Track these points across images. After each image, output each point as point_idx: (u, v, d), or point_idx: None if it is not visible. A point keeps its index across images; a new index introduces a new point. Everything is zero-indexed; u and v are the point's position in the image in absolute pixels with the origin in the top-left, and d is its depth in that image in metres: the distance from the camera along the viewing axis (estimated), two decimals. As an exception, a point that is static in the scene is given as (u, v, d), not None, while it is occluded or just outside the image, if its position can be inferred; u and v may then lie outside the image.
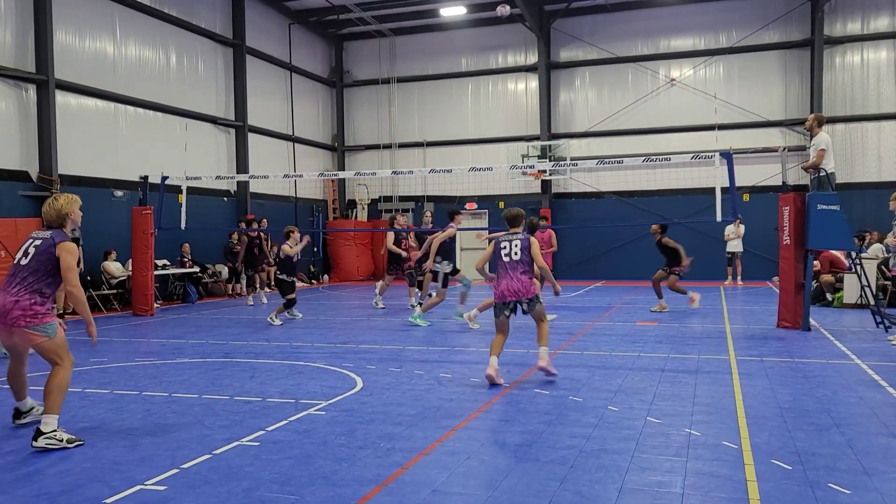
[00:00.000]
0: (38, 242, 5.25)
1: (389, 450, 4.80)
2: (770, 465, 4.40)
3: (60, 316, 13.08)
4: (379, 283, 14.65)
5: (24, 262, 5.20)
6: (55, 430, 4.97)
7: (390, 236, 14.22)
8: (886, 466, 4.35)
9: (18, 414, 5.61)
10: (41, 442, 4.91)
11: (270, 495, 3.99)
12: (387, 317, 12.90)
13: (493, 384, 6.79)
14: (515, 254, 7.05)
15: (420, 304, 12.23)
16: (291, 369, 7.85)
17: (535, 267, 7.19)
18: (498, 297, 7.07)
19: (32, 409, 5.61)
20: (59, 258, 5.16)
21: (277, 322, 11.90)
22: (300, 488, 4.09)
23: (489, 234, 12.12)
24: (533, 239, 7.17)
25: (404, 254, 14.04)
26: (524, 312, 7.10)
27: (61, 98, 14.57)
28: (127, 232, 14.50)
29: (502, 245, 7.16)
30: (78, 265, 5.48)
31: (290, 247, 12.11)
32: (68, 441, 4.98)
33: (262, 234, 18.10)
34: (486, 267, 7.61)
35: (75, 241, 13.00)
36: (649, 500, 3.86)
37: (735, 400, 6.12)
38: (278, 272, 12.34)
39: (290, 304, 12.19)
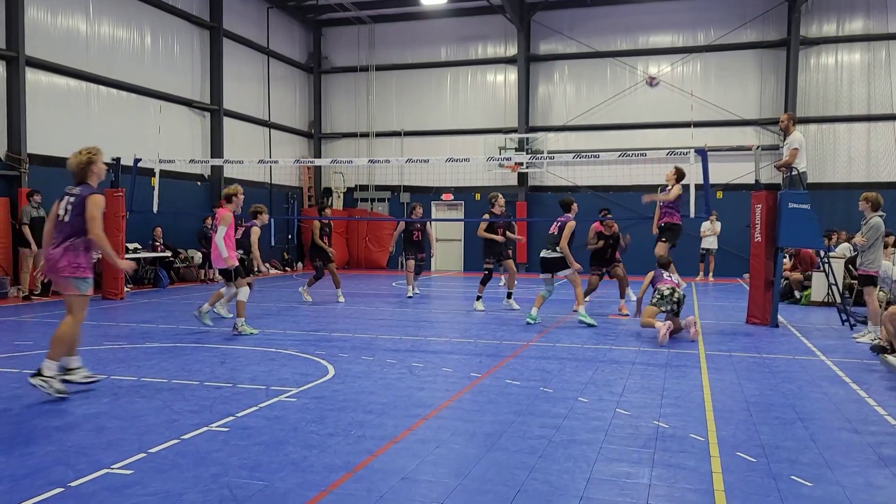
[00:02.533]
0: (72, 199, 5.91)
1: (360, 437, 4.79)
2: (735, 457, 4.47)
3: (27, 298, 12.93)
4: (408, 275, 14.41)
5: (66, 218, 5.86)
6: (53, 377, 5.64)
7: (400, 225, 14.44)
8: (847, 460, 4.44)
9: (62, 371, 5.92)
10: (36, 380, 5.60)
11: (239, 481, 3.97)
12: (359, 305, 12.87)
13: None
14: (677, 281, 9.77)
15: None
16: (263, 356, 7.80)
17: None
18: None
19: (79, 368, 6.09)
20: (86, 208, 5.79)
21: (228, 314, 10.76)
22: (269, 474, 4.08)
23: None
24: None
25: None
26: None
27: (32, 76, 14.25)
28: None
29: (665, 277, 9.83)
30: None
31: (257, 233, 10.84)
32: (57, 391, 5.61)
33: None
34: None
35: (42, 219, 12.95)
36: (616, 491, 3.90)
37: (703, 393, 6.20)
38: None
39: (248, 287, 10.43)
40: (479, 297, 12.38)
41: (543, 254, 10.70)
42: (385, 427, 5.04)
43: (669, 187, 11.20)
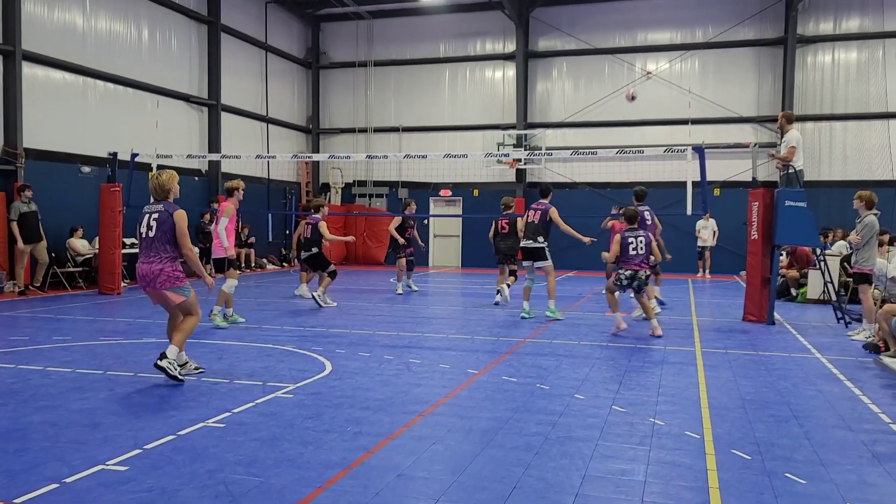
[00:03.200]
0: (156, 215, 6.29)
1: (356, 434, 4.80)
2: (730, 454, 4.49)
3: (22, 293, 12.91)
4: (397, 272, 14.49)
5: (151, 234, 6.26)
6: (175, 360, 6.14)
7: (395, 221, 14.15)
8: (841, 458, 4.46)
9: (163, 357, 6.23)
10: (163, 363, 6.05)
11: (235, 477, 3.97)
12: (357, 301, 12.87)
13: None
14: (641, 248, 9.31)
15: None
16: (260, 352, 7.80)
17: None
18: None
19: (187, 363, 6.51)
20: (175, 225, 6.25)
21: (331, 303, 11.89)
22: (265, 470, 4.08)
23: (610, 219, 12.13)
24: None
25: (401, 240, 14.03)
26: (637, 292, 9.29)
27: (28, 70, 14.21)
28: (94, 209, 14.23)
29: (629, 241, 9.19)
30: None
31: (325, 225, 11.89)
32: (173, 378, 6.06)
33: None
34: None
35: (34, 214, 12.96)
36: (612, 488, 3.92)
37: (699, 391, 6.22)
38: (311, 248, 11.91)
39: (333, 276, 11.88)
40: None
41: (525, 244, 10.79)
42: (382, 423, 5.05)
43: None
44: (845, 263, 13.24)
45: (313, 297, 11.77)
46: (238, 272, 10.23)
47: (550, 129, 22.22)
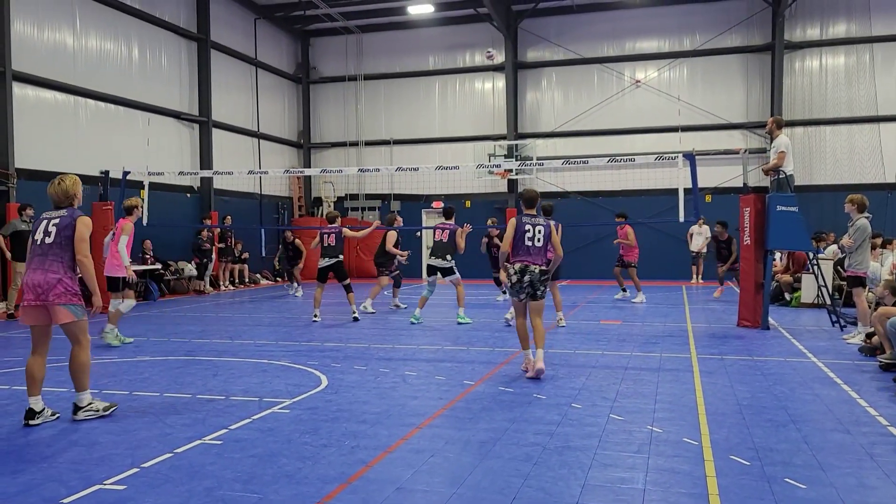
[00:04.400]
0: (56, 220, 5.56)
1: (354, 448, 4.78)
2: (729, 460, 4.48)
3: (11, 316, 12.82)
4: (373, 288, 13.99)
5: (48, 240, 5.50)
6: (91, 403, 5.53)
7: (391, 237, 13.79)
8: (840, 461, 4.47)
9: (32, 414, 5.44)
10: (81, 415, 5.49)
11: (233, 494, 3.95)
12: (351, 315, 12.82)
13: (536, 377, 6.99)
14: (539, 240, 7.17)
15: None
16: (255, 367, 7.77)
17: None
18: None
19: (44, 410, 5.54)
20: (75, 229, 5.51)
21: (371, 309, 12.41)
22: (263, 487, 4.06)
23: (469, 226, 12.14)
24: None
25: (403, 256, 14.09)
26: (536, 299, 7.14)
27: (19, 90, 14.20)
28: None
29: (526, 228, 7.18)
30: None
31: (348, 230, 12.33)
32: (104, 409, 5.59)
33: (227, 230, 17.98)
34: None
35: (24, 232, 12.78)
36: (611, 497, 3.91)
37: (696, 397, 6.22)
38: (336, 255, 12.09)
39: (349, 289, 12.23)
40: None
41: (433, 262, 11.67)
42: (379, 437, 5.03)
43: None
44: (839, 267, 13.31)
45: (354, 311, 11.99)
46: (133, 292, 9.88)
47: (541, 139, 22.31)
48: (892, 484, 4.08)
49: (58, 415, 5.63)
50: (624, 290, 15.30)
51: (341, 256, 12.04)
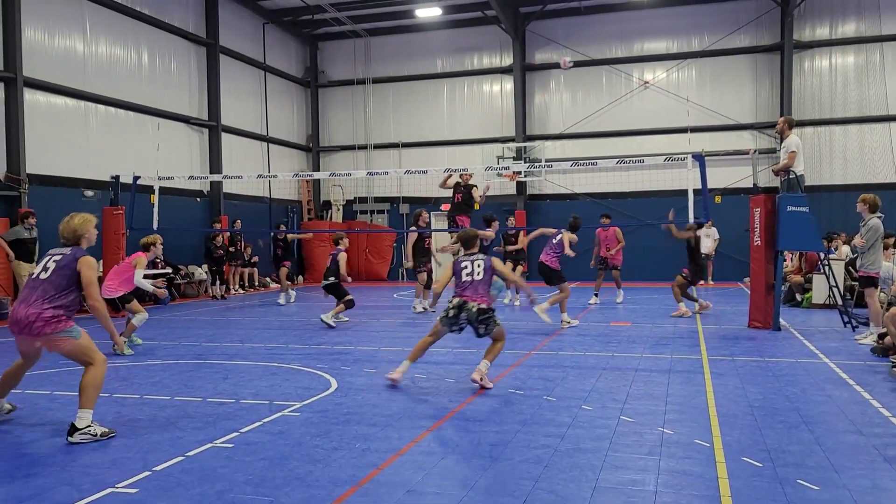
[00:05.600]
0: (57, 258, 5.45)
1: (364, 450, 4.79)
2: (741, 462, 4.46)
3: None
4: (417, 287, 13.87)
5: (43, 276, 5.37)
6: (90, 426, 5.12)
7: (412, 237, 13.69)
8: (853, 463, 4.44)
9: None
10: (76, 437, 5.05)
11: (244, 497, 3.96)
12: (361, 318, 12.85)
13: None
14: (478, 273, 6.92)
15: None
16: (265, 371, 7.79)
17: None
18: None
19: (2, 409, 5.76)
20: (80, 272, 5.37)
21: (332, 323, 11.46)
22: (274, 490, 4.07)
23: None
24: (495, 259, 7.06)
25: (410, 263, 13.87)
26: (479, 335, 6.93)
27: (30, 96, 14.31)
28: (97, 232, 14.26)
29: (463, 265, 7.01)
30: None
31: (344, 259, 11.83)
32: (102, 434, 5.14)
33: (237, 234, 18.04)
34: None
35: (33, 240, 12.74)
36: (623, 499, 3.89)
37: (707, 399, 6.19)
38: (331, 278, 11.76)
39: (350, 304, 11.72)
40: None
41: (324, 283, 11.72)
42: (389, 439, 5.04)
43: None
44: (850, 267, 13.22)
45: (321, 318, 11.56)
46: (138, 305, 9.57)
47: (549, 140, 22.28)
48: (907, 485, 4.05)
49: (12, 408, 5.83)
50: (597, 294, 15.18)
51: (333, 280, 11.64)
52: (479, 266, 6.95)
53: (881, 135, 19.85)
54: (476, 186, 13.19)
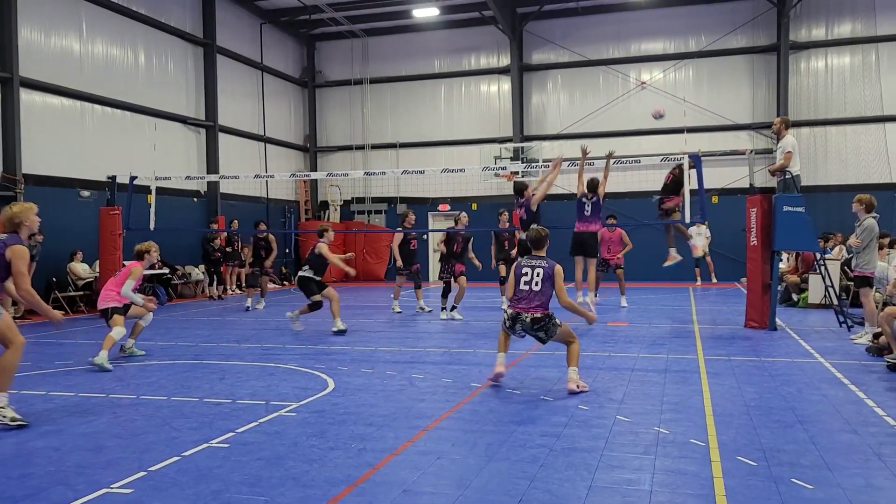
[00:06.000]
0: None
1: (360, 450, 4.79)
2: (736, 461, 4.47)
3: (22, 318, 12.89)
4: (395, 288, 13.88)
5: None
6: (3, 408, 5.29)
7: (397, 237, 13.53)
8: (848, 462, 4.45)
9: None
10: None
11: (240, 497, 3.96)
12: (359, 318, 12.85)
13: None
14: (536, 283, 6.58)
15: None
16: (262, 371, 7.79)
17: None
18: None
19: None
20: (10, 262, 5.42)
21: (299, 327, 11.00)
22: (270, 489, 4.07)
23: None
24: (558, 267, 6.63)
25: (399, 261, 13.48)
26: (542, 342, 6.77)
27: (26, 96, 14.29)
28: (94, 233, 14.27)
29: (523, 272, 6.67)
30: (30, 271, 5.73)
31: (327, 246, 11.01)
32: (11, 420, 5.31)
33: (234, 234, 18.03)
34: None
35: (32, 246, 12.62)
36: (618, 498, 3.90)
37: (703, 398, 6.20)
38: (308, 270, 11.03)
39: (315, 307, 10.99)
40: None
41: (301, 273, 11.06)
42: (386, 439, 5.04)
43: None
44: (846, 267, 13.24)
45: (288, 316, 11.12)
46: (121, 319, 8.84)
47: (547, 141, 22.30)
48: (901, 484, 4.06)
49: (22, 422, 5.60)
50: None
51: (303, 273, 10.97)
52: (538, 275, 6.61)
53: (876, 135, 19.90)
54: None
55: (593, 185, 11.31)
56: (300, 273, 11.16)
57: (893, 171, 19.55)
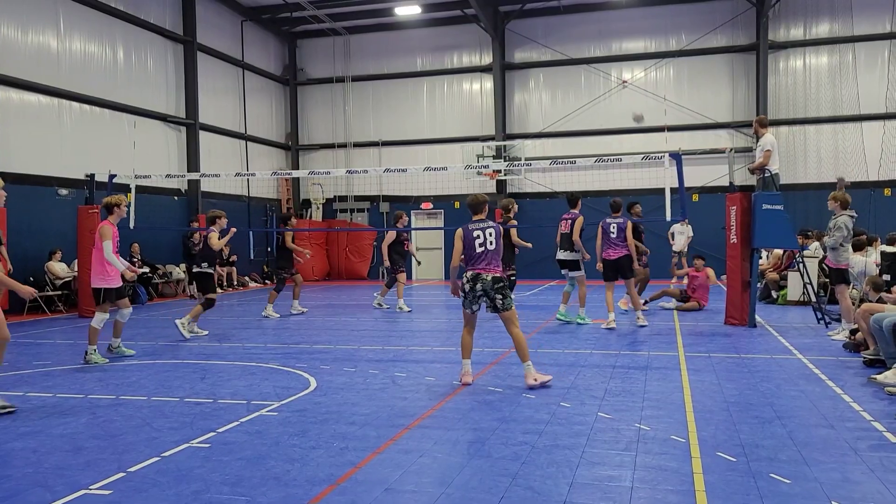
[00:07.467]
0: None
1: (342, 449, 4.78)
2: (716, 457, 4.52)
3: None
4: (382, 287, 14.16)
5: None
6: None
7: (389, 236, 13.51)
8: (825, 456, 4.51)
9: None
10: None
11: (220, 497, 3.94)
12: (341, 317, 12.82)
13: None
14: (491, 243, 6.75)
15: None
16: (243, 370, 7.75)
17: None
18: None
19: None
20: None
21: (187, 333, 10.22)
22: (251, 489, 4.05)
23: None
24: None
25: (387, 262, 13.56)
26: (496, 309, 6.75)
27: (2, 93, 14.09)
28: (73, 231, 14.10)
29: (475, 235, 6.76)
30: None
31: (217, 236, 10.42)
32: (1, 407, 5.61)
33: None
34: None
35: None
36: (599, 494, 3.93)
37: (683, 395, 6.26)
38: (201, 263, 10.57)
39: (209, 305, 10.47)
40: None
41: (561, 256, 11.17)
42: (368, 438, 5.03)
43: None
44: (824, 265, 13.39)
45: (175, 324, 10.30)
46: (106, 306, 8.61)
47: (529, 139, 22.36)
48: (876, 479, 4.13)
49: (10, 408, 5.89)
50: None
51: (205, 266, 10.59)
52: (490, 234, 6.77)
53: (853, 134, 20.15)
54: None
55: (617, 206, 11.30)
56: (195, 269, 10.76)
57: (871, 169, 19.81)
